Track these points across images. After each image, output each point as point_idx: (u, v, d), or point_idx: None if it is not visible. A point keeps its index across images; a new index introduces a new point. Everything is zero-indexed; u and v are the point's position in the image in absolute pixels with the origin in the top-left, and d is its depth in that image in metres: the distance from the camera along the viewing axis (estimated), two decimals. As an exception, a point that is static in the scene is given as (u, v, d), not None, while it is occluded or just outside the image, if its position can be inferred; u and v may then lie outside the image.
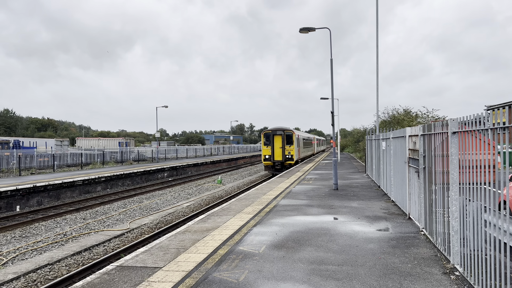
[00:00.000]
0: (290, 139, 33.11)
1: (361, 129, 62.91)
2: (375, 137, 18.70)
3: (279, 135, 33.10)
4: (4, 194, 19.51)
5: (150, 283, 5.82)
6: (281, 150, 32.87)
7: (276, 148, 33.02)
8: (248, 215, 10.90)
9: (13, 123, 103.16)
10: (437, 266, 6.28)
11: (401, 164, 10.79)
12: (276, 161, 33.13)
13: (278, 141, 33.01)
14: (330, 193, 15.34)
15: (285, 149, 32.87)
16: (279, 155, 32.91)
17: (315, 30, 17.30)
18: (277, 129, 33.73)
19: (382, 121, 34.82)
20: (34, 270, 10.25)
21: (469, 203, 5.50)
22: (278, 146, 32.98)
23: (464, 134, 5.69)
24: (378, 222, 9.73)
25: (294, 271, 6.22)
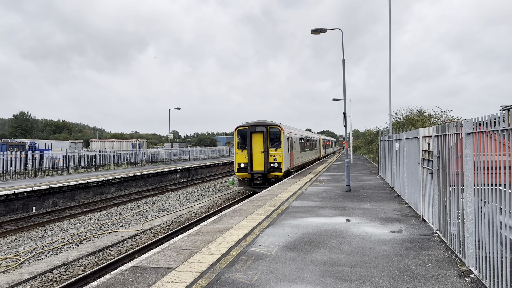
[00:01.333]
0: (277, 138, 22.87)
1: (373, 130, 62.47)
2: (388, 138, 18.54)
3: (260, 132, 22.57)
4: (21, 195, 19.87)
5: (164, 284, 5.87)
6: (262, 155, 22.42)
7: (256, 152, 22.52)
8: (260, 217, 10.92)
9: (29, 125, 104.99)
10: (451, 269, 6.21)
11: (415, 165, 10.69)
12: (255, 173, 22.48)
13: (258, 142, 22.59)
14: (343, 195, 15.26)
15: (268, 154, 22.45)
16: (260, 163, 22.38)
17: (327, 31, 17.25)
18: (257, 124, 22.97)
19: (396, 122, 34.49)
20: (50, 270, 10.42)
21: (484, 205, 5.43)
22: (259, 149, 22.47)
23: (479, 135, 5.61)
24: (392, 224, 9.65)
25: (307, 272, 6.21)
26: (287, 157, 23.93)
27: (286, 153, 23.32)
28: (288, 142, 24.26)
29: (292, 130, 27.37)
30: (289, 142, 24.47)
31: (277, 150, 22.55)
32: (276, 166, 22.45)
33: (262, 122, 23.18)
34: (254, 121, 23.46)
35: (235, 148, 23.11)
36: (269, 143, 22.67)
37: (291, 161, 25.38)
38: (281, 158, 22.50)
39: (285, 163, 23.09)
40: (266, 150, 22.43)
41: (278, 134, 22.94)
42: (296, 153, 28.14)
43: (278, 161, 22.44)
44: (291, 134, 25.76)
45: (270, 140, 22.77)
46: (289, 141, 24.79)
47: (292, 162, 25.91)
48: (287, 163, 23.71)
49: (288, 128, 25.80)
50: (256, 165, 22.56)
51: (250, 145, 22.53)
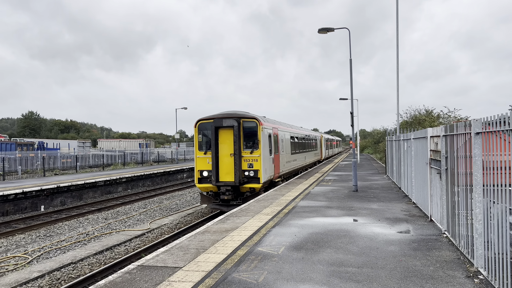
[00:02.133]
0: (253, 136, 16.66)
1: (381, 129, 62.17)
2: (395, 138, 18.44)
3: (229, 128, 16.24)
4: (30, 194, 20.05)
5: (171, 283, 5.89)
6: (232, 160, 16.18)
7: (223, 156, 16.32)
8: (267, 216, 10.91)
9: (38, 125, 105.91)
10: (460, 269, 6.15)
11: (423, 165, 10.61)
12: (222, 184, 16.15)
13: (227, 142, 16.32)
14: (350, 195, 15.20)
15: (241, 159, 16.26)
16: (229, 171, 16.24)
17: (334, 31, 17.20)
18: (226, 115, 16.60)
19: (403, 121, 34.27)
20: (58, 268, 10.51)
21: (493, 205, 5.37)
22: (227, 151, 16.28)
23: (488, 134, 5.56)
24: (399, 224, 9.60)
25: (314, 272, 6.19)
26: (269, 161, 17.49)
27: (266, 156, 17.08)
28: (271, 142, 18.11)
29: (279, 126, 20.96)
30: (272, 142, 18.24)
31: (254, 153, 16.22)
32: (252, 175, 16.17)
33: (232, 113, 16.72)
34: (221, 112, 16.81)
35: (195, 150, 16.99)
36: (242, 142, 16.30)
37: (276, 167, 18.87)
38: (259, 163, 16.19)
39: (266, 171, 16.75)
40: (237, 153, 15.89)
41: (255, 131, 16.48)
42: (285, 155, 21.73)
43: (254, 168, 16.17)
44: (276, 131, 19.49)
45: (244, 138, 16.46)
46: (273, 140, 18.48)
47: (277, 169, 19.28)
48: (268, 170, 17.27)
49: (270, 122, 19.16)
50: (224, 173, 16.19)
51: (215, 145, 16.09)
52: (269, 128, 18.05)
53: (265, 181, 16.80)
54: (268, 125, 17.98)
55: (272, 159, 18.18)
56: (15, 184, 23.10)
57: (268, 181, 17.73)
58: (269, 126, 18.25)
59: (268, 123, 18.24)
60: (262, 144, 16.63)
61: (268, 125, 17.98)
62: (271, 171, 18.07)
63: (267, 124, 18.03)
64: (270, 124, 18.56)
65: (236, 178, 16.00)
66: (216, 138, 16.31)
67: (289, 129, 24.27)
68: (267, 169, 17.08)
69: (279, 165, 19.84)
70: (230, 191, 16.05)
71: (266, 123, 17.86)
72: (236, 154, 16.05)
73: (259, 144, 16.48)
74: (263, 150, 16.61)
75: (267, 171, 17.21)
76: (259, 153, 16.40)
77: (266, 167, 16.91)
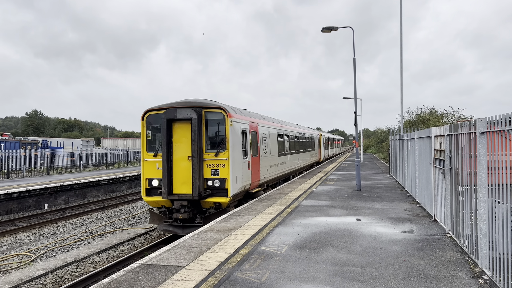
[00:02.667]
0: (219, 133, 12.76)
1: (384, 129, 62.03)
2: (399, 137, 18.39)
3: (186, 121, 12.33)
4: (33, 192, 20.14)
5: (174, 282, 5.89)
6: (190, 165, 12.14)
7: (179, 159, 12.39)
8: (270, 215, 10.90)
9: (41, 123, 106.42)
10: (464, 270, 6.12)
11: (426, 164, 10.57)
12: (177, 198, 12.15)
13: (184, 140, 12.39)
14: (353, 194, 15.17)
15: (203, 163, 12.36)
16: (186, 180, 12.20)
17: (337, 30, 17.15)
18: (183, 104, 12.61)
19: (407, 121, 34.15)
20: (62, 266, 10.54)
21: (498, 205, 5.34)
22: (184, 153, 12.36)
23: (493, 134, 5.52)
24: (403, 224, 9.56)
25: (317, 272, 6.18)
26: (242, 166, 13.22)
27: (238, 159, 12.81)
28: (247, 140, 13.98)
29: (260, 121, 16.68)
30: (248, 140, 14.13)
31: (220, 155, 12.15)
32: (218, 186, 12.14)
33: (191, 101, 12.63)
34: (177, 101, 12.85)
35: (143, 151, 12.85)
36: (204, 141, 12.23)
37: (254, 173, 14.68)
38: (227, 169, 12.14)
39: (237, 179, 12.58)
40: (197, 155, 11.81)
41: (222, 125, 12.39)
42: (270, 158, 17.44)
43: (221, 176, 12.15)
44: (254, 127, 15.34)
45: (207, 135, 12.44)
46: (250, 138, 14.38)
47: (256, 175, 15.03)
48: (242, 178, 13.04)
49: (247, 115, 15.01)
50: (180, 183, 12.12)
51: (167, 145, 11.99)
52: (243, 122, 13.77)
53: (236, 193, 12.48)
54: (241, 118, 13.74)
55: (247, 163, 13.86)
56: (19, 182, 23.20)
57: (242, 192, 13.43)
58: (244, 119, 14.03)
59: (242, 115, 14.12)
60: (232, 143, 12.32)
61: (241, 118, 13.74)
62: (247, 178, 13.68)
63: (240, 117, 13.70)
64: (245, 118, 14.35)
65: (195, 189, 11.67)
66: (168, 135, 12.06)
67: (275, 125, 19.83)
68: (239, 176, 12.70)
69: (259, 170, 15.35)
70: (187, 207, 11.85)
71: (239, 116, 13.55)
72: (195, 156, 11.74)
73: (227, 143, 12.17)
74: (233, 151, 12.34)
75: (240, 180, 12.80)
76: (227, 155, 12.12)
77: (237, 174, 12.60)
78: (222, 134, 12.48)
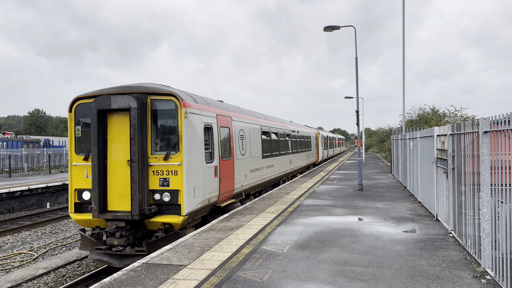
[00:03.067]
0: (170, 128, 9.42)
1: (386, 128, 61.96)
2: (401, 136, 18.35)
3: (124, 112, 9.15)
4: (36, 191, 20.18)
5: (176, 281, 5.89)
6: (128, 172, 9.01)
7: (115, 163, 9.18)
8: (272, 215, 10.89)
9: (44, 122, 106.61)
10: (467, 270, 6.10)
11: (429, 164, 10.54)
12: (112, 218, 8.85)
13: (122, 137, 9.18)
14: (355, 194, 15.14)
15: (147, 170, 9.10)
16: (125, 192, 9.00)
17: (339, 29, 17.13)
18: (121, 90, 9.30)
19: (409, 120, 34.09)
20: (64, 265, 10.56)
21: (501, 205, 5.32)
22: (122, 155, 9.15)
23: (496, 133, 5.50)
24: (405, 224, 9.54)
25: (319, 271, 6.16)
26: (205, 173, 10.24)
27: (198, 164, 9.84)
28: (213, 138, 10.91)
29: (235, 114, 13.29)
30: (215, 138, 11.00)
31: (171, 159, 9.19)
32: (168, 200, 9.19)
33: (133, 85, 9.64)
34: (114, 86, 9.77)
35: (70, 153, 9.91)
36: (150, 139, 9.30)
37: (225, 181, 11.57)
38: (180, 178, 9.11)
39: (196, 191, 9.61)
40: (138, 158, 8.91)
41: (173, 116, 9.36)
42: (248, 161, 14.20)
43: (172, 187, 9.18)
44: (226, 122, 12.20)
45: (153, 131, 9.42)
46: (217, 135, 11.19)
47: (228, 183, 11.89)
48: (204, 189, 10.11)
49: (213, 106, 11.66)
50: (116, 197, 9.23)
51: (99, 144, 9.14)
52: (207, 114, 10.56)
53: (194, 210, 9.43)
54: (203, 109, 10.38)
55: (214, 169, 10.65)
56: (21, 181, 23.25)
57: (206, 207, 10.38)
58: (208, 111, 10.72)
59: (206, 106, 10.75)
60: (188, 142, 9.20)
61: (203, 109, 10.38)
62: (212, 189, 10.55)
63: (202, 107, 10.36)
64: (210, 109, 10.98)
65: (135, 205, 8.65)
66: (100, 132, 9.08)
67: (259, 120, 16.46)
68: (199, 187, 9.65)
69: (232, 177, 12.24)
70: (124, 229, 8.88)
71: (200, 106, 10.24)
72: (136, 161, 8.71)
73: (181, 142, 9.06)
74: (189, 153, 9.21)
75: (200, 191, 9.75)
76: (180, 159, 9.00)
77: (196, 184, 9.53)
78: (172, 128, 9.28)
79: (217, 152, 11.14)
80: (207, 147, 10.58)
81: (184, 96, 9.67)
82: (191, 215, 9.44)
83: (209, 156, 10.63)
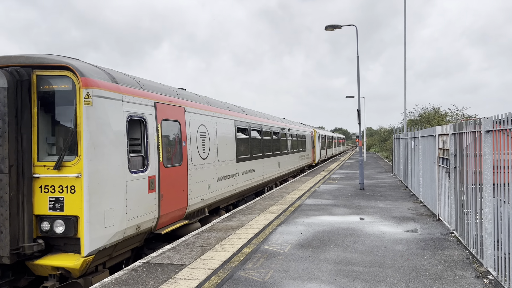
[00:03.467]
0: (65, 119, 6.50)
1: (387, 128, 61.88)
2: (402, 136, 18.32)
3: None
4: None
5: (177, 280, 5.88)
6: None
7: None
8: (273, 214, 10.88)
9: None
10: (469, 269, 6.08)
11: (430, 163, 10.51)
12: None
13: None
14: (356, 193, 15.12)
15: (31, 185, 6.16)
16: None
17: (341, 28, 17.11)
18: None
19: (410, 119, 34.04)
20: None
21: (503, 205, 5.30)
22: None
23: (498, 133, 5.47)
24: (406, 223, 9.51)
25: (320, 271, 6.15)
26: (130, 188, 7.03)
27: (116, 174, 6.72)
28: (147, 137, 7.72)
29: (190, 103, 10.19)
30: (152, 137, 7.87)
31: (67, 168, 6.16)
32: (62, 232, 6.14)
33: (12, 56, 6.51)
34: None
35: None
36: (35, 135, 6.35)
37: (168, 197, 8.43)
38: (79, 197, 6.09)
39: (106, 218, 6.43)
40: (11, 168, 5.97)
41: (70, 101, 6.33)
42: (215, 166, 11.23)
43: (68, 213, 6.11)
44: (173, 113, 9.08)
45: (40, 123, 6.42)
46: (155, 132, 8.00)
47: (177, 201, 8.84)
48: (126, 214, 6.92)
49: (145, 88, 8.21)
50: None
51: None
52: (134, 101, 7.48)
53: (105, 246, 6.51)
54: (126, 92, 7.30)
55: (147, 182, 7.64)
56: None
57: (134, 238, 7.42)
58: (137, 97, 7.61)
59: (131, 88, 7.56)
60: (92, 141, 6.32)
61: (126, 92, 7.30)
62: (145, 210, 7.56)
63: (124, 90, 7.27)
64: (140, 94, 7.79)
65: (5, 241, 5.94)
66: None
67: (231, 114, 13.25)
68: (118, 209, 6.77)
69: (185, 190, 9.24)
70: None
71: (119, 88, 7.16)
72: (6, 172, 5.99)
73: (79, 141, 6.22)
74: (94, 159, 6.32)
75: (121, 216, 6.83)
76: (78, 168, 6.18)
77: (112, 205, 6.64)
78: (71, 123, 6.48)
79: (155, 157, 7.93)
80: (137, 149, 7.55)
81: (88, 70, 6.52)
82: (100, 253, 6.44)
83: (139, 163, 7.49)
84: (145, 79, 8.94)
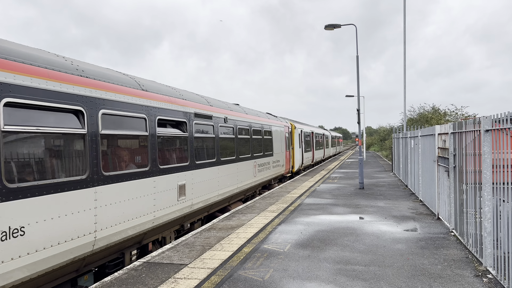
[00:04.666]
0: None
1: (387, 127, 61.89)
2: (402, 135, 18.32)
3: None
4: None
5: (176, 280, 5.88)
6: None
7: None
8: (273, 214, 10.88)
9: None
10: (468, 268, 6.08)
11: (430, 163, 10.52)
12: None
13: None
14: (356, 192, 15.12)
15: None
16: None
17: (340, 27, 17.09)
18: None
19: (410, 119, 34.05)
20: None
21: (503, 204, 5.30)
22: None
23: (497, 132, 5.48)
24: (406, 222, 9.52)
25: (320, 270, 6.15)
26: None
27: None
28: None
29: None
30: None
31: None
32: None
33: None
34: None
35: None
36: None
37: None
38: None
39: None
40: None
41: None
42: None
43: None
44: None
45: None
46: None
47: None
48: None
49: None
50: None
51: None
52: None
53: None
54: None
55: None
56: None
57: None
58: None
59: None
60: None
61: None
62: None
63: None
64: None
65: None
66: None
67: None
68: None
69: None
70: None
71: None
72: None
73: None
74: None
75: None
76: None
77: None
78: None
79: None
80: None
81: None
82: None
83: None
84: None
